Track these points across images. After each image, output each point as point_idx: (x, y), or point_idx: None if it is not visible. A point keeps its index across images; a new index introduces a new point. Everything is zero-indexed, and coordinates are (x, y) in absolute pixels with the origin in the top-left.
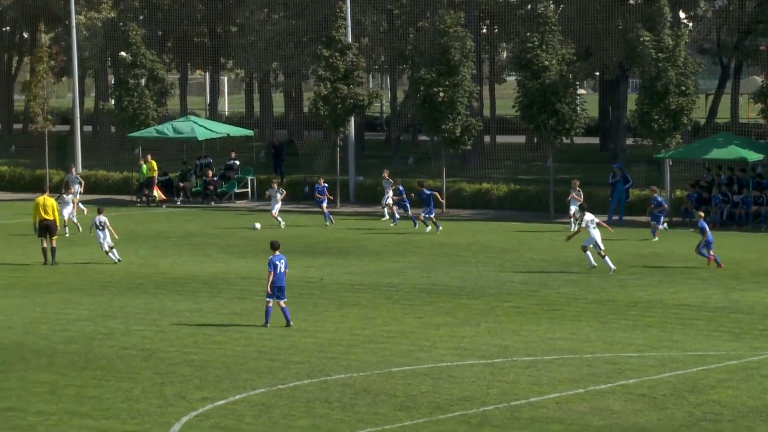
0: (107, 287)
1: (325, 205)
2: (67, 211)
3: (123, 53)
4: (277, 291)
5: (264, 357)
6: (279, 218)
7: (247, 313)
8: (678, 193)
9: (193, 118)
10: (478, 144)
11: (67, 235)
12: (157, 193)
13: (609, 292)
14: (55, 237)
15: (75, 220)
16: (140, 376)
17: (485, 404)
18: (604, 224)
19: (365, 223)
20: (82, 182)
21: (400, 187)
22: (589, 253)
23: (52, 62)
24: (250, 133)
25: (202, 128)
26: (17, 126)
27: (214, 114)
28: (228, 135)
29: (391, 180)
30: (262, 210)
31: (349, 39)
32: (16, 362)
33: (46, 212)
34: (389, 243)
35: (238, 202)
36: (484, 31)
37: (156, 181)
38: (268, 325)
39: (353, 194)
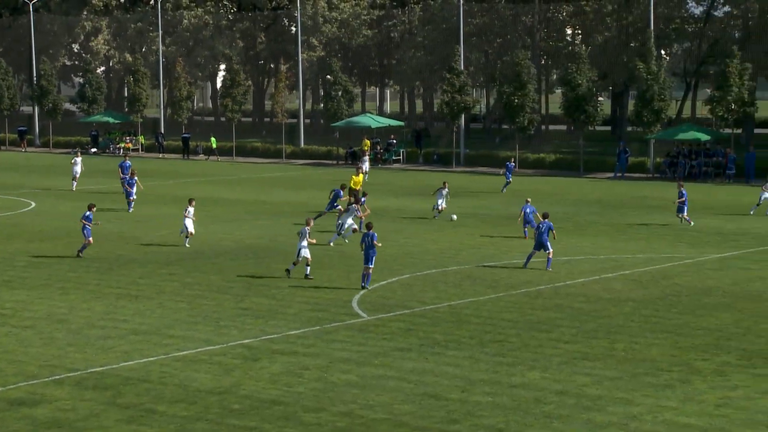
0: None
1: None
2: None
3: (329, 76)
4: None
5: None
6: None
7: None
8: (658, 159)
9: (369, 114)
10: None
11: None
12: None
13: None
14: None
15: None
16: None
17: (539, 285)
18: None
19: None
20: None
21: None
22: None
23: (287, 81)
24: (401, 123)
25: (374, 120)
26: (266, 119)
27: (381, 112)
28: (389, 125)
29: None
30: (411, 170)
31: (462, 67)
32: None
33: None
34: None
35: (394, 165)
36: (542, 62)
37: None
38: None
39: (463, 159)
